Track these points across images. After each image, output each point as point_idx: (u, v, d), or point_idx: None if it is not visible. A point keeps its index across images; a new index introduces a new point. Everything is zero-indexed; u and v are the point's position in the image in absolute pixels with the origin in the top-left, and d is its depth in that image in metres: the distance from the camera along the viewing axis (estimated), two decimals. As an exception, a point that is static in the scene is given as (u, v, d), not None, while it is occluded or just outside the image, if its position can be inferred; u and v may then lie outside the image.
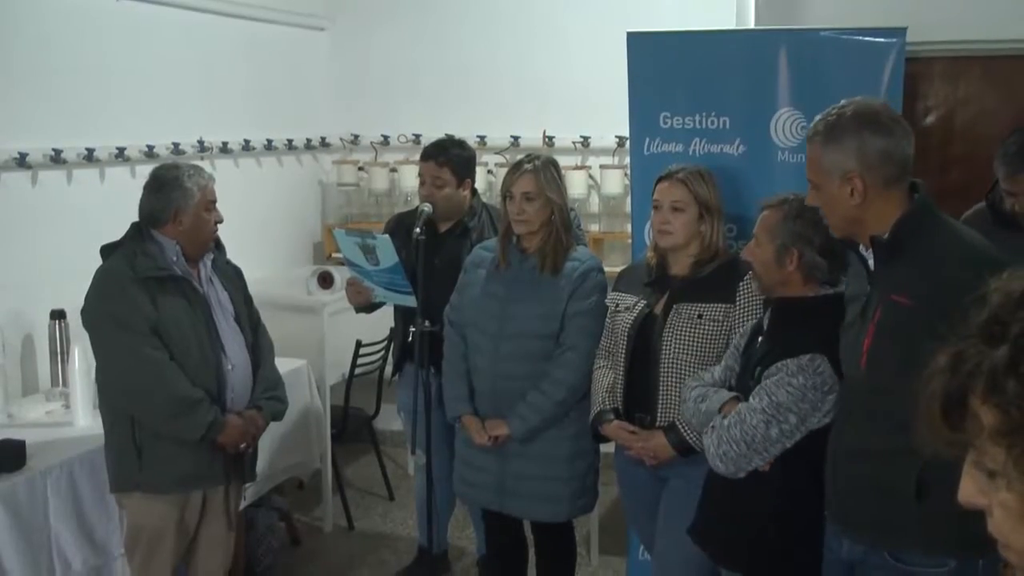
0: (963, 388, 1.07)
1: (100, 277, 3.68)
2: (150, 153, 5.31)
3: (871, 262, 2.75)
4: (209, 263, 3.82)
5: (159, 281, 3.63)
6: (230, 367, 3.75)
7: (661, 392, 3.55)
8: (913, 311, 2.54)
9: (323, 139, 6.81)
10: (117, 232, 3.79)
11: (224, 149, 5.90)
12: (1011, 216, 3.88)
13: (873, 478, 2.67)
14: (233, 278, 3.90)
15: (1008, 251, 2.69)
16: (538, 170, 3.84)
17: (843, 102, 2.75)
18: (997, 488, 1.08)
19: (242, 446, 3.78)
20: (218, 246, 3.90)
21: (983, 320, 1.08)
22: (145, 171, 5.24)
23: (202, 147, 5.70)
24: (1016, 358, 1.03)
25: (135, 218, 3.78)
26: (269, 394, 3.93)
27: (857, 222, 2.71)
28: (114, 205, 5.02)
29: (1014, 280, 1.09)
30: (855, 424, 2.76)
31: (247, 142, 6.09)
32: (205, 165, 5.34)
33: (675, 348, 3.52)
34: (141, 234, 3.73)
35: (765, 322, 3.18)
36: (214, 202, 3.74)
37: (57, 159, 4.74)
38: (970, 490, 1.12)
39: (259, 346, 3.95)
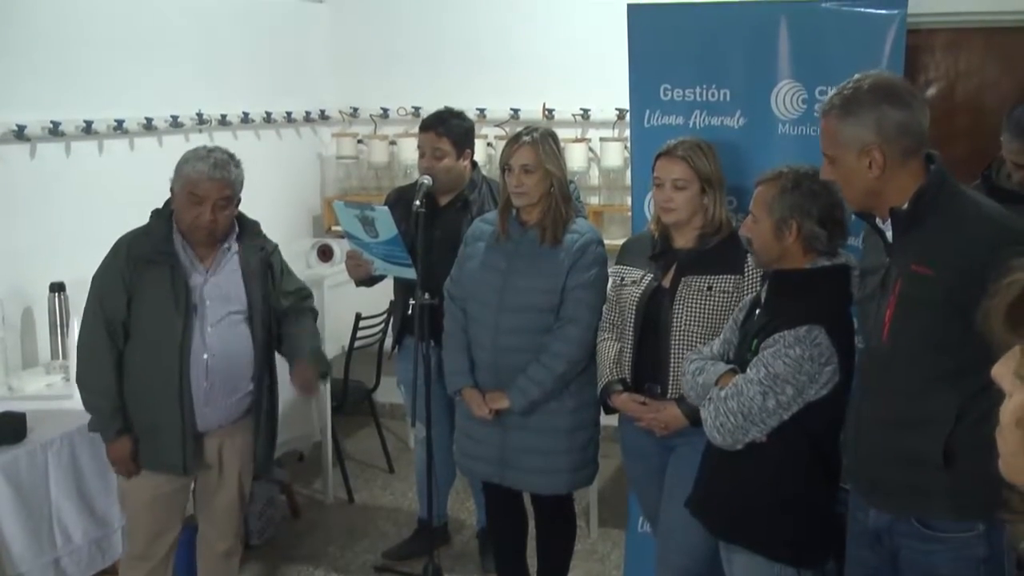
0: None
1: (112, 247, 3.73)
2: (148, 126, 5.31)
3: (889, 234, 2.75)
4: (228, 253, 3.78)
5: (147, 261, 3.65)
6: (206, 356, 3.69)
7: (672, 363, 3.55)
8: (935, 281, 2.56)
9: (322, 112, 6.80)
10: (116, 205, 3.80)
11: (223, 122, 5.89)
12: (1007, 190, 3.87)
13: (899, 447, 2.69)
14: (257, 271, 3.81)
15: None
16: (537, 142, 3.82)
17: (858, 75, 2.74)
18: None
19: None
20: (253, 234, 3.86)
21: None
22: (144, 144, 5.32)
23: (201, 120, 5.69)
24: None
25: (133, 190, 3.79)
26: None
27: (875, 194, 2.71)
28: (113, 177, 5.05)
29: None
30: (878, 394, 2.77)
31: (246, 115, 6.08)
32: (203, 137, 5.38)
33: (686, 320, 3.52)
34: (161, 212, 3.75)
35: (763, 295, 3.18)
36: (198, 197, 3.61)
37: (56, 132, 4.73)
38: (1002, 371, 1.14)
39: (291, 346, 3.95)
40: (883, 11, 3.85)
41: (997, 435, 1.14)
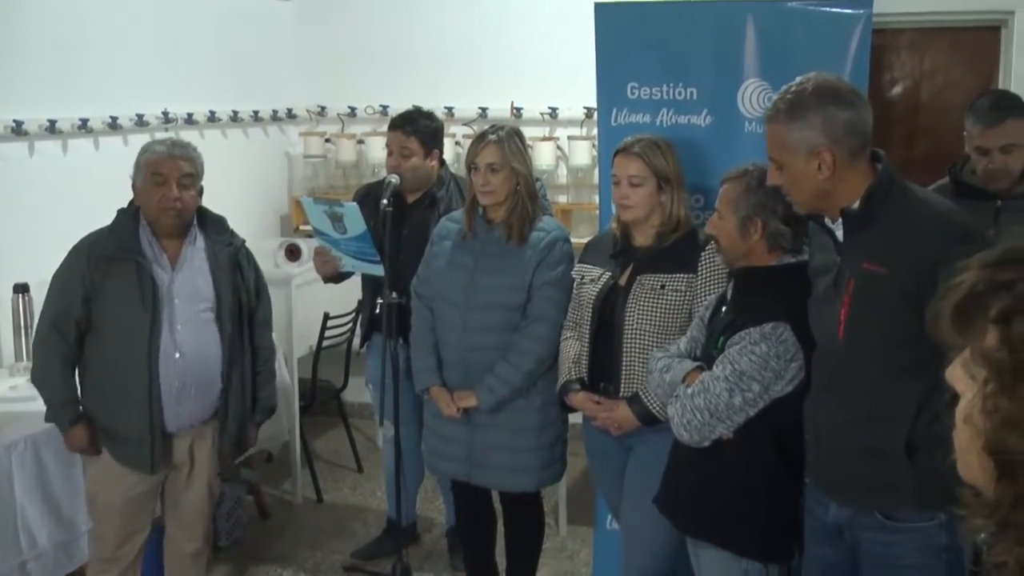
0: (987, 295, 1.08)
1: (74, 246, 3.72)
2: (114, 125, 5.27)
3: (839, 234, 2.76)
4: (194, 246, 3.76)
5: (112, 259, 3.63)
6: (177, 355, 3.68)
7: (624, 362, 3.56)
8: (889, 278, 2.59)
9: (289, 110, 6.77)
10: (80, 205, 3.78)
11: (189, 120, 5.86)
12: (972, 186, 3.92)
13: (862, 444, 2.71)
14: (225, 265, 3.80)
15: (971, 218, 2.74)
16: (502, 140, 3.82)
17: (799, 79, 2.77)
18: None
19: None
20: (220, 229, 3.85)
21: None
22: (109, 143, 5.28)
23: (166, 118, 5.66)
24: None
25: (98, 190, 3.78)
26: (265, 403, 4.03)
27: (826, 196, 2.73)
28: (78, 177, 5.01)
29: None
30: (836, 393, 2.79)
31: (212, 113, 6.04)
32: (168, 136, 5.33)
33: (638, 319, 3.53)
34: (126, 210, 3.74)
35: (729, 292, 3.19)
36: (162, 176, 3.63)
37: (19, 131, 4.69)
38: (955, 373, 1.15)
39: (254, 345, 3.94)
40: (849, 11, 3.87)
41: (954, 434, 1.15)
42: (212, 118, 6.04)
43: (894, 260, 2.59)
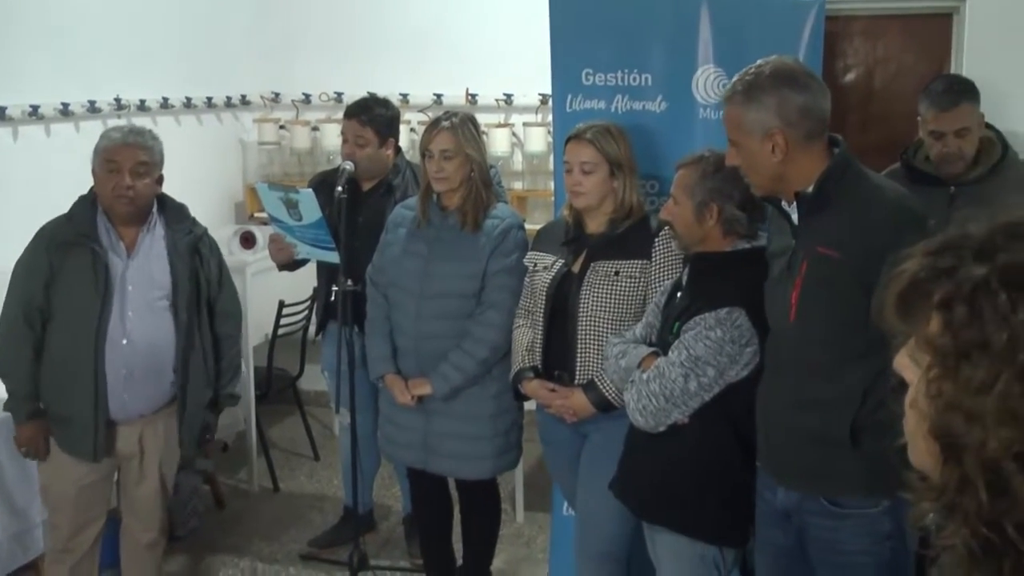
0: (930, 282, 1.09)
1: (36, 233, 3.70)
2: (65, 111, 5.21)
3: (795, 217, 2.78)
4: (153, 233, 3.74)
5: (69, 245, 3.61)
6: (124, 342, 3.65)
7: (579, 350, 3.56)
8: (841, 262, 2.62)
9: (243, 97, 6.71)
10: (32, 193, 3.74)
11: (142, 107, 5.78)
12: (925, 172, 3.96)
13: (808, 428, 2.73)
14: (184, 254, 3.77)
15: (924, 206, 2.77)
16: (456, 127, 3.81)
17: (759, 61, 2.80)
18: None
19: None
20: (180, 217, 3.82)
21: (983, 233, 1.10)
22: (60, 130, 5.21)
23: (119, 105, 5.58)
24: (983, 286, 1.05)
25: (50, 178, 3.74)
26: (227, 391, 4.00)
27: (780, 178, 2.75)
28: (29, 165, 4.94)
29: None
30: (786, 376, 2.82)
31: (165, 100, 5.97)
32: (122, 123, 5.27)
33: (592, 306, 3.53)
34: (86, 196, 3.72)
35: (684, 277, 3.20)
36: (115, 163, 3.60)
37: (-33, 118, 4.62)
38: (903, 361, 1.16)
39: (216, 333, 3.92)
40: (802, -3, 3.90)
41: (904, 420, 1.17)
42: (165, 104, 5.97)
43: (846, 244, 2.61)
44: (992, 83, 4.18)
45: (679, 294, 3.19)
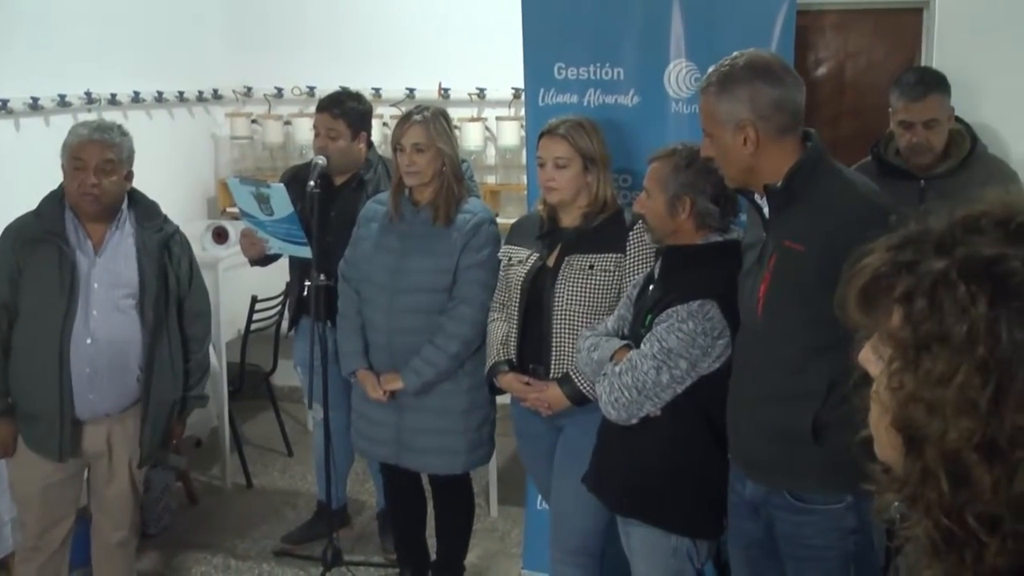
0: (891, 276, 1.10)
1: (2, 232, 3.69)
2: (35, 106, 5.16)
3: (766, 210, 2.79)
4: (122, 231, 3.70)
5: (36, 242, 3.58)
6: (89, 341, 3.62)
7: (554, 343, 3.57)
8: (807, 256, 2.62)
9: (215, 91, 6.67)
10: (2, 188, 3.71)
11: (113, 101, 5.74)
12: (896, 167, 3.98)
13: (773, 421, 2.75)
14: (153, 252, 3.73)
15: (894, 199, 2.78)
16: (427, 121, 3.81)
17: (735, 53, 2.81)
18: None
19: None
20: (151, 215, 3.79)
21: (943, 227, 1.10)
22: (30, 124, 5.17)
23: (89, 99, 5.54)
24: (942, 279, 1.06)
25: (20, 173, 3.71)
26: (195, 392, 3.96)
27: (752, 171, 2.76)
28: (-3, 159, 4.90)
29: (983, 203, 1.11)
30: (754, 370, 2.83)
31: (137, 94, 5.93)
32: (92, 117, 5.23)
33: (567, 299, 3.53)
34: (54, 193, 3.69)
35: (656, 270, 3.21)
36: (81, 161, 3.58)
37: (-65, 112, 4.58)
38: (866, 356, 1.17)
39: (184, 334, 3.88)
40: (774, -9, 3.91)
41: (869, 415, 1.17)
42: (136, 99, 5.93)
43: (812, 239, 2.62)
44: (962, 77, 4.20)
45: (651, 287, 3.20)
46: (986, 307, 1.03)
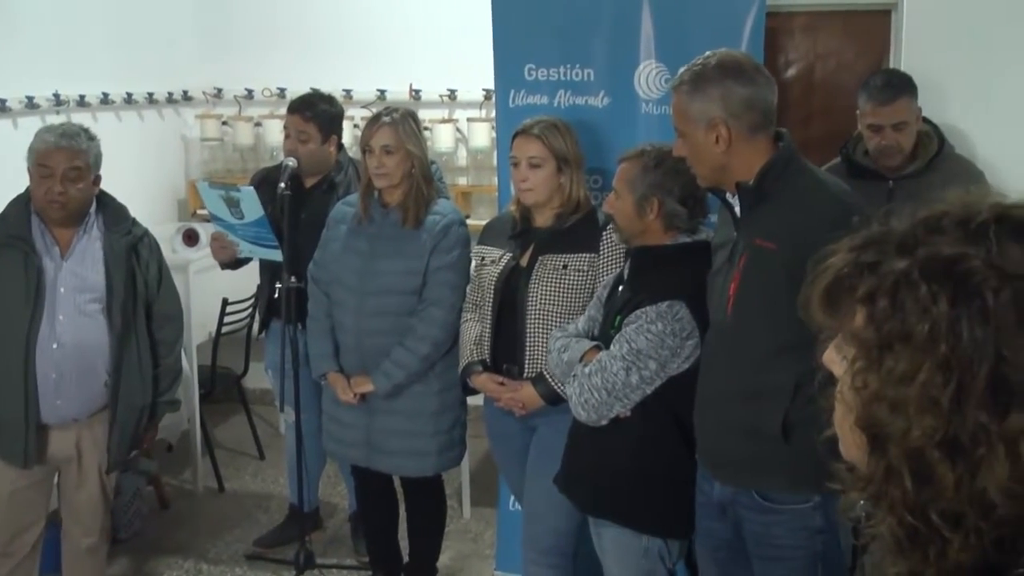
0: (854, 277, 1.11)
1: None
2: (2, 107, 5.13)
3: (738, 209, 2.80)
4: (89, 235, 3.68)
5: (1, 246, 3.56)
6: (55, 346, 3.60)
7: (528, 343, 3.57)
8: (777, 255, 2.63)
9: (185, 92, 6.64)
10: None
11: (81, 103, 5.70)
12: (865, 168, 4.01)
13: (741, 420, 2.75)
14: (121, 256, 3.70)
15: (864, 200, 2.79)
16: (396, 122, 3.80)
17: (707, 53, 2.82)
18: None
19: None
20: (120, 219, 3.76)
21: (905, 228, 1.11)
22: (-3, 126, 5.12)
23: (58, 100, 5.50)
24: (904, 279, 1.07)
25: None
26: (166, 397, 3.92)
27: (723, 169, 2.77)
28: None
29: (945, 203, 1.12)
30: (722, 368, 2.84)
31: (106, 95, 5.90)
32: (61, 119, 5.18)
33: (541, 299, 3.54)
34: (20, 196, 3.66)
35: (626, 271, 3.22)
36: (48, 168, 3.55)
37: (-99, 114, 4.54)
38: (830, 356, 1.18)
39: (153, 338, 3.85)
40: (743, -7, 3.93)
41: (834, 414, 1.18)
42: (105, 100, 5.90)
43: (783, 237, 2.63)
44: (929, 78, 4.24)
45: (621, 288, 3.20)
46: (947, 306, 1.04)
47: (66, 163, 3.55)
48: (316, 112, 4.46)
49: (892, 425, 1.07)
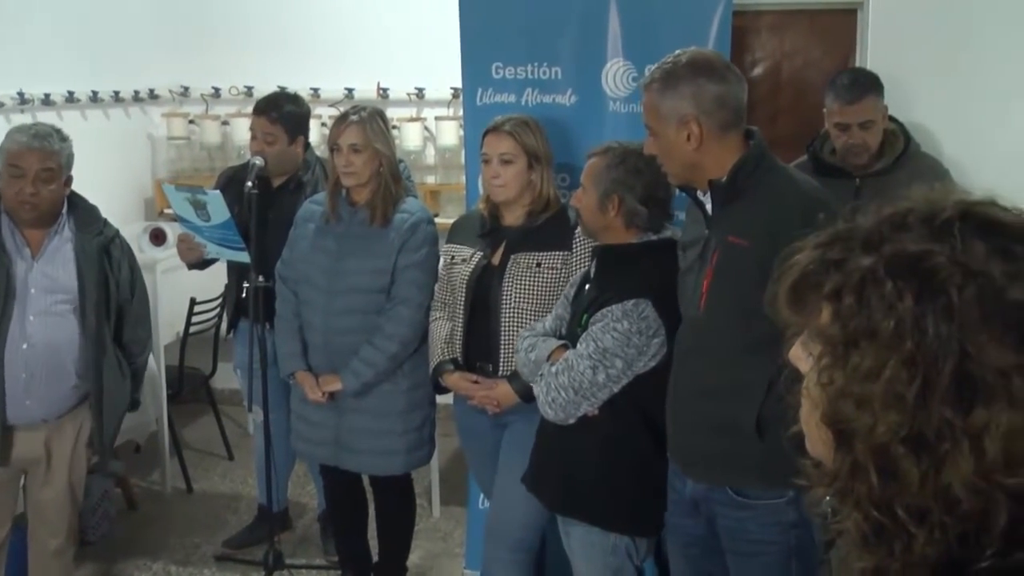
0: (820, 274, 1.11)
1: None
2: (-35, 107, 5.08)
3: (709, 207, 2.81)
4: (61, 236, 3.65)
5: None
6: (25, 346, 3.57)
7: (503, 341, 3.57)
8: (750, 251, 2.64)
9: (151, 91, 6.58)
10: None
11: (46, 101, 5.65)
12: (832, 165, 4.03)
13: (713, 416, 2.76)
14: (92, 257, 3.68)
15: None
16: (364, 121, 3.80)
17: (678, 51, 2.83)
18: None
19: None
20: (91, 219, 3.74)
21: (870, 225, 1.12)
22: (-42, 126, 5.06)
23: (22, 99, 5.45)
24: (870, 276, 1.07)
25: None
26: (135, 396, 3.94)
27: (695, 167, 2.78)
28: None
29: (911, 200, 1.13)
30: (694, 365, 2.84)
31: (71, 93, 5.84)
32: (25, 119, 5.15)
33: (515, 297, 3.54)
34: None
35: (592, 270, 3.22)
36: (20, 169, 3.53)
37: None
38: (796, 352, 1.19)
39: (123, 340, 3.83)
40: (710, -8, 3.94)
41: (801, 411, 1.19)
42: (71, 99, 5.85)
43: (755, 234, 2.64)
44: (895, 77, 4.27)
45: (587, 286, 3.21)
46: (912, 302, 1.04)
47: (38, 164, 3.53)
48: (282, 113, 4.44)
49: (858, 421, 1.08)
